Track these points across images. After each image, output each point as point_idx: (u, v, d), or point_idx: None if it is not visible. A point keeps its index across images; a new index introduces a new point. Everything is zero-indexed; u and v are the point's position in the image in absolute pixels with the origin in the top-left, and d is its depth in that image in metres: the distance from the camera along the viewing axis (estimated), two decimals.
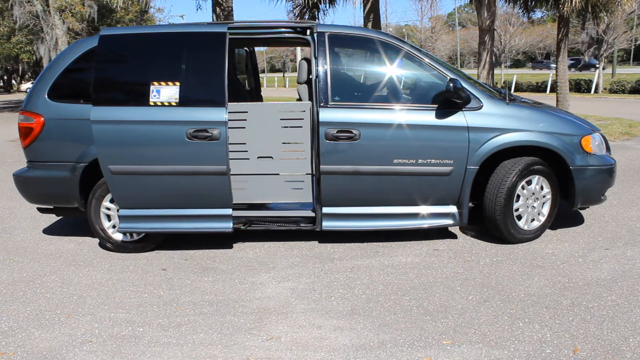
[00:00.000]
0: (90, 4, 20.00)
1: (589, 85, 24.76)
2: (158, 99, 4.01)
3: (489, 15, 10.35)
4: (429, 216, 4.31)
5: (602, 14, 12.20)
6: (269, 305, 3.46)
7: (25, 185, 4.53)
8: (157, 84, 4.02)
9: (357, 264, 4.12)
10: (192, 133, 3.98)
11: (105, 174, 4.11)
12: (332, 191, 4.21)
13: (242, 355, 2.87)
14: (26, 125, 4.35)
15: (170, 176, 4.09)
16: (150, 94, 4.02)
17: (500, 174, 4.27)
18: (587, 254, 4.17)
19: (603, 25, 23.84)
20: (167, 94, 4.01)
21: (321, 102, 4.10)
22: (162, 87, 4.02)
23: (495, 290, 3.56)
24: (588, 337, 2.91)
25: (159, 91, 4.01)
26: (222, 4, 11.51)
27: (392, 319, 3.22)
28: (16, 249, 4.75)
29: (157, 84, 4.02)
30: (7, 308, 3.52)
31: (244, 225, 4.28)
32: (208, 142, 3.98)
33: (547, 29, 40.04)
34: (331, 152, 4.10)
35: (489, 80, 10.50)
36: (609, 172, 4.49)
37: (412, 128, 4.13)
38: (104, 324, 3.26)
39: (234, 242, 4.67)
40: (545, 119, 4.38)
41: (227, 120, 3.99)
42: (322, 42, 4.18)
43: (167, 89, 4.02)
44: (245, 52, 6.43)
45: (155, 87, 4.02)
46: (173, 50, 4.17)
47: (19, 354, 2.94)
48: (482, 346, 2.87)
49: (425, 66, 4.29)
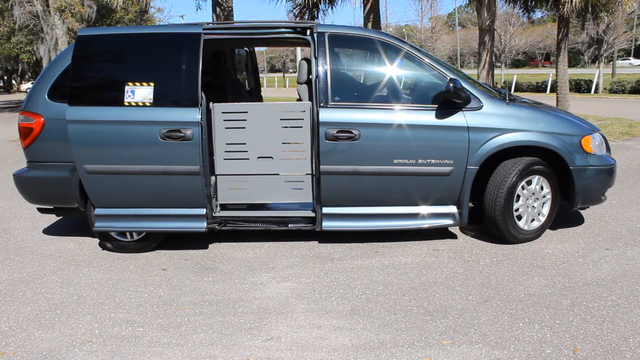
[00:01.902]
0: (90, 4, 20.00)
1: (589, 85, 24.77)
2: (133, 99, 4.06)
3: (489, 15, 10.35)
4: (429, 216, 4.31)
5: (602, 14, 12.22)
6: (269, 305, 3.46)
7: (25, 185, 4.53)
8: (132, 84, 4.07)
9: (357, 264, 4.12)
10: (165, 133, 4.02)
11: (80, 173, 4.16)
12: (332, 191, 4.21)
13: (242, 355, 2.87)
14: (26, 126, 4.36)
15: (145, 176, 4.13)
16: (125, 94, 4.06)
17: (500, 174, 4.27)
18: (587, 254, 4.17)
19: (603, 25, 23.88)
20: (141, 94, 4.06)
21: (321, 102, 4.10)
22: (136, 87, 4.06)
23: (495, 290, 3.56)
24: (588, 337, 2.91)
25: (133, 91, 4.06)
26: (222, 4, 11.52)
27: (392, 319, 3.22)
28: (16, 249, 4.75)
29: (132, 84, 4.07)
30: (7, 308, 3.52)
31: (218, 225, 4.28)
32: (181, 142, 4.02)
33: (547, 29, 40.06)
34: (331, 152, 4.10)
35: (489, 80, 10.50)
36: (609, 172, 4.49)
37: (412, 128, 4.13)
38: (104, 324, 3.26)
39: (234, 242, 4.67)
40: (545, 119, 4.38)
41: (200, 121, 4.02)
42: (322, 42, 4.18)
43: (141, 89, 4.06)
44: (245, 52, 6.44)
45: (130, 87, 4.07)
46: (148, 51, 4.20)
47: (19, 354, 2.94)
48: (482, 346, 2.87)
49: (425, 66, 4.29)
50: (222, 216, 4.37)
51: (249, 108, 4.30)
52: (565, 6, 10.77)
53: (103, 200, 4.25)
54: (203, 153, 4.07)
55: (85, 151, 4.10)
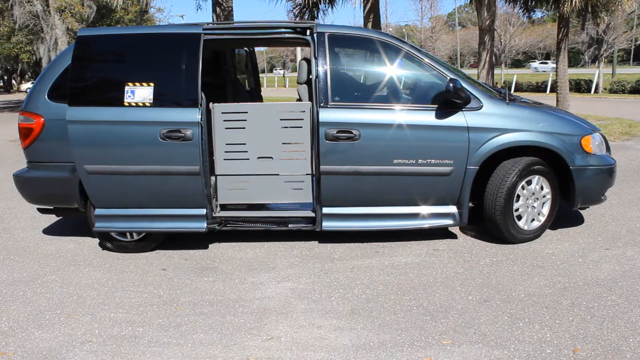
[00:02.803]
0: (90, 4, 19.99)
1: (589, 85, 24.78)
2: (132, 99, 4.06)
3: (489, 15, 10.35)
4: (429, 216, 4.31)
5: (602, 14, 12.21)
6: (269, 305, 3.46)
7: (25, 185, 4.53)
8: (132, 84, 4.07)
9: (357, 264, 4.12)
10: (165, 133, 4.02)
11: (80, 174, 4.16)
12: (332, 191, 4.21)
13: (242, 355, 2.87)
14: (26, 126, 4.35)
15: (145, 176, 4.13)
16: (125, 94, 4.06)
17: (500, 174, 4.27)
18: (587, 254, 4.17)
19: (603, 25, 23.86)
20: (141, 94, 4.06)
21: (321, 102, 4.10)
22: (136, 87, 4.06)
23: (495, 290, 3.56)
24: (588, 337, 2.91)
25: (133, 92, 4.07)
26: (222, 3, 11.52)
27: (392, 319, 3.22)
28: (16, 249, 4.75)
29: (132, 84, 4.07)
30: (7, 308, 3.52)
31: (218, 225, 4.28)
32: (181, 142, 4.02)
33: (547, 29, 40.07)
34: (331, 152, 4.10)
35: (489, 80, 10.50)
36: (608, 172, 4.49)
37: (412, 128, 4.12)
38: (104, 324, 3.26)
39: (234, 242, 4.68)
40: (545, 119, 4.38)
41: (200, 121, 4.03)
42: (322, 43, 4.18)
43: (141, 89, 4.06)
44: (246, 52, 6.43)
45: (130, 87, 4.07)
46: (148, 51, 4.20)
47: (19, 354, 2.94)
48: (482, 346, 2.87)
49: (425, 66, 4.29)
50: (222, 216, 4.37)
51: (249, 108, 4.30)
52: (565, 6, 10.77)
53: (103, 200, 4.25)
54: (203, 153, 4.07)
55: (85, 151, 4.11)
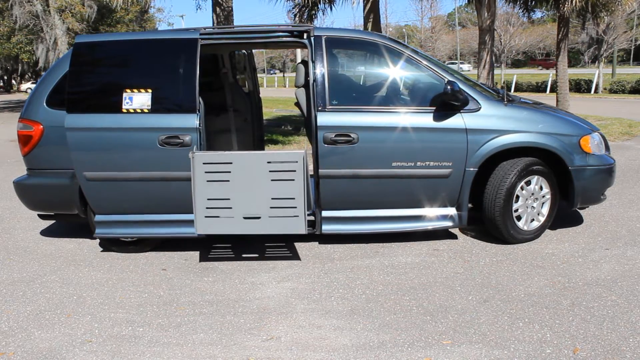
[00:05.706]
0: (90, 4, 20.00)
1: (589, 85, 24.76)
2: (131, 105, 4.07)
3: (489, 15, 10.34)
4: (428, 218, 4.30)
5: (602, 14, 12.21)
6: (269, 305, 3.46)
7: (25, 192, 4.52)
8: (130, 91, 4.07)
9: (357, 264, 4.12)
10: (163, 139, 4.03)
11: (80, 180, 4.16)
12: (331, 194, 4.20)
13: (242, 355, 2.87)
14: (25, 133, 4.33)
15: (144, 182, 4.13)
16: (123, 100, 4.07)
17: (499, 175, 4.27)
18: (587, 254, 4.17)
19: (603, 25, 23.86)
20: (139, 100, 4.06)
21: (319, 105, 4.09)
22: (134, 94, 4.06)
23: (495, 290, 3.56)
24: (588, 337, 2.92)
25: (131, 98, 4.07)
26: (222, 4, 11.50)
27: (392, 319, 3.22)
28: (16, 249, 4.76)
29: (130, 91, 4.07)
30: (7, 308, 3.53)
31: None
32: (180, 148, 4.02)
33: (547, 29, 40.04)
34: (329, 155, 4.09)
35: (488, 80, 10.49)
36: (608, 172, 4.49)
37: (410, 131, 4.11)
38: (104, 324, 3.26)
39: (234, 243, 4.67)
40: (544, 119, 4.38)
41: (199, 127, 4.03)
42: (319, 46, 4.16)
43: (139, 95, 4.06)
44: (244, 53, 6.43)
45: (128, 94, 4.07)
46: (145, 57, 4.21)
47: (19, 354, 2.94)
48: (482, 346, 2.87)
49: (423, 68, 4.28)
50: None
51: (233, 158, 3.83)
52: (565, 6, 10.78)
53: (103, 206, 4.25)
54: None
55: (85, 158, 4.11)
